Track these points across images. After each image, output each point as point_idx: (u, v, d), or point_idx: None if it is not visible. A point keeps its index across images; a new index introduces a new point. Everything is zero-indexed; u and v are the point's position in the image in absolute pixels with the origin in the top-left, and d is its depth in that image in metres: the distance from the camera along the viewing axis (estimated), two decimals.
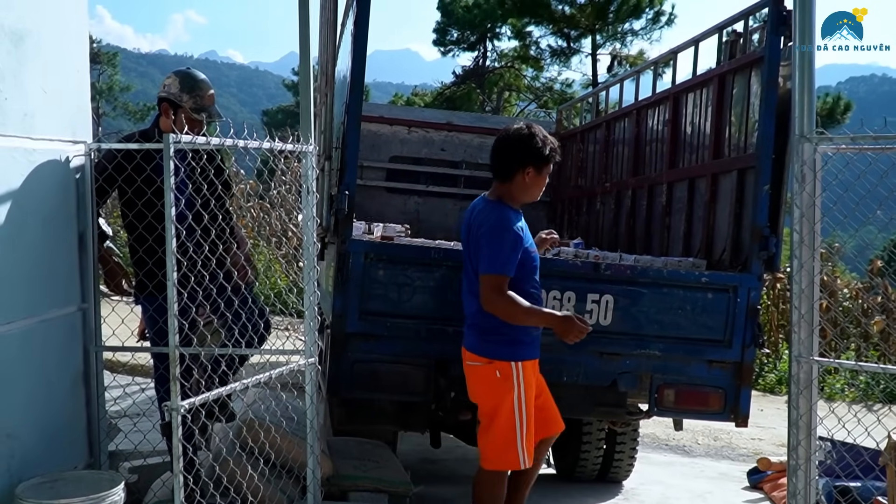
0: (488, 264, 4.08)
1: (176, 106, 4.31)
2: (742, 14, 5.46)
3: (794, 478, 4.06)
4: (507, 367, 4.16)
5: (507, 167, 4.27)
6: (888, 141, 3.77)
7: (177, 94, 4.32)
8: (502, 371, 4.16)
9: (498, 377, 4.16)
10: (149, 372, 5.18)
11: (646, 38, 29.12)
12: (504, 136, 4.34)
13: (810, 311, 4.00)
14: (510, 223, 4.14)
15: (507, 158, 4.27)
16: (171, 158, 3.15)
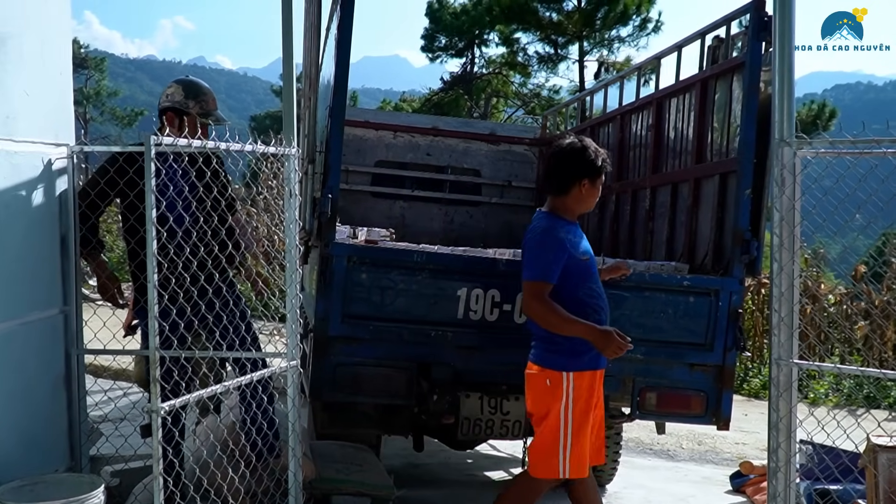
0: (529, 271, 4.19)
1: (182, 113, 4.39)
2: (724, 20, 5.50)
3: (775, 480, 4.08)
4: (558, 377, 4.19)
5: (564, 181, 4.35)
6: (866, 145, 3.81)
7: (182, 102, 4.40)
8: (552, 380, 4.20)
9: (548, 385, 4.21)
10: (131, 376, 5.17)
11: (633, 44, 29.28)
12: (558, 151, 4.41)
13: (790, 313, 4.02)
14: (555, 231, 4.22)
15: (563, 172, 4.35)
16: (153, 160, 3.15)
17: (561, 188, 4.36)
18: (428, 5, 35.59)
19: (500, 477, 6.93)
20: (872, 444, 4.04)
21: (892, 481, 3.97)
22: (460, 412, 4.97)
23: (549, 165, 4.46)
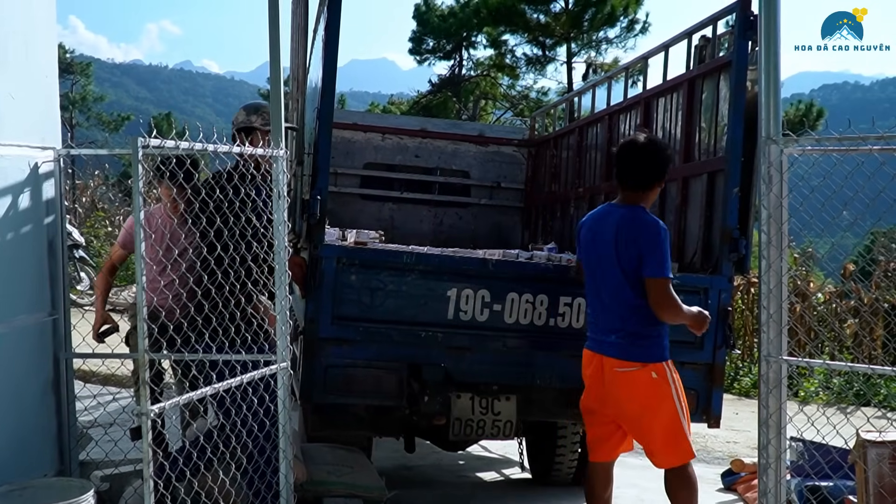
0: (659, 268, 4.24)
1: (249, 131, 4.62)
2: (710, 19, 5.52)
3: (765, 476, 4.09)
4: (662, 368, 4.32)
5: (648, 178, 4.42)
6: (852, 142, 3.82)
7: (245, 120, 4.69)
8: (658, 372, 4.30)
9: (655, 378, 4.29)
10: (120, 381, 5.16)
11: (620, 46, 29.28)
12: (645, 148, 4.46)
13: (779, 310, 4.03)
14: (663, 227, 4.32)
15: (649, 170, 4.42)
16: (140, 162, 3.14)
17: (643, 184, 4.42)
18: (415, 8, 35.59)
19: (493, 478, 6.92)
20: (862, 440, 4.06)
21: (882, 476, 3.99)
22: (451, 413, 4.97)
23: (632, 161, 4.44)
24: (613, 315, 4.36)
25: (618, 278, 4.31)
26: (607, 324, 4.38)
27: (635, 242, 4.28)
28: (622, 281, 4.30)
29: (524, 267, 5.04)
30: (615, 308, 4.34)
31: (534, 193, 9.05)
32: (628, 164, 4.43)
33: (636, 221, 4.33)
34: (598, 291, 4.44)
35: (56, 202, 4.24)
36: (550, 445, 6.30)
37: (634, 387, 4.34)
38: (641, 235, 4.28)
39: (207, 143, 3.55)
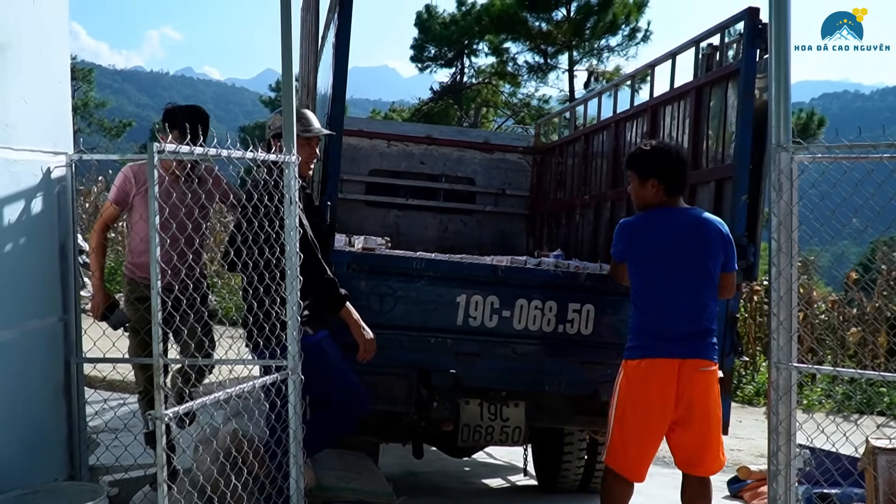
0: (735, 263, 4.46)
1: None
2: (718, 28, 5.54)
3: (775, 483, 4.09)
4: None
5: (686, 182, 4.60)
6: (862, 150, 3.84)
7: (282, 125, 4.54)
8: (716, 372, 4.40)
9: (719, 378, 4.42)
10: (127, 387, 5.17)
11: (622, 54, 29.34)
12: (682, 156, 4.63)
13: (789, 317, 4.04)
14: None
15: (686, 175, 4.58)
16: (156, 167, 3.15)
17: (685, 188, 4.58)
18: (417, 15, 35.66)
19: (499, 484, 6.93)
20: (872, 447, 4.07)
21: (892, 483, 4.00)
22: (460, 419, 4.98)
23: (683, 168, 4.51)
24: (693, 316, 4.30)
25: (703, 278, 4.32)
26: (686, 326, 4.29)
27: (723, 241, 4.38)
28: (707, 280, 4.33)
29: (533, 273, 5.06)
30: (695, 309, 4.31)
31: (538, 200, 9.07)
32: (683, 169, 4.47)
33: (715, 222, 4.44)
34: (671, 294, 4.33)
35: (68, 207, 4.26)
36: (557, 452, 6.30)
37: (711, 387, 4.35)
38: (726, 234, 4.43)
39: (222, 149, 3.56)
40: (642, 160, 4.45)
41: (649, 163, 4.42)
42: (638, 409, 4.32)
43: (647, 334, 4.31)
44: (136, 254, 4.98)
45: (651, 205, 4.44)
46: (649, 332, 4.31)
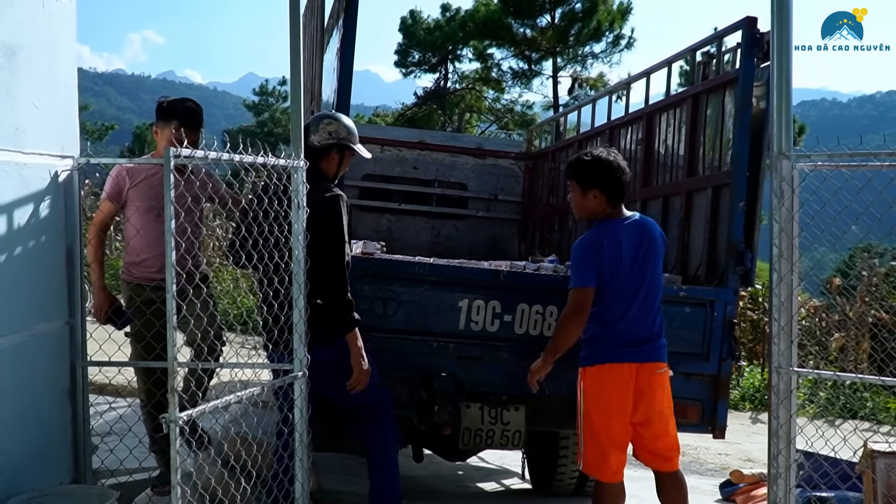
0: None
1: (345, 148, 4.65)
2: (716, 36, 5.62)
3: (775, 486, 4.15)
4: None
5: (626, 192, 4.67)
6: (863, 158, 3.92)
7: (346, 138, 4.66)
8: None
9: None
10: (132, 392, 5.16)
11: (606, 61, 29.57)
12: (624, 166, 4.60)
13: (789, 322, 4.11)
14: None
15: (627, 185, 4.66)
16: (172, 172, 3.18)
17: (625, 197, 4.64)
18: (401, 21, 35.72)
19: (494, 488, 6.96)
20: (870, 450, 4.14)
21: (891, 486, 4.07)
22: (461, 423, 5.01)
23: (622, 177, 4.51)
24: (653, 320, 4.44)
25: (655, 283, 4.45)
26: (648, 330, 4.42)
27: (663, 244, 4.55)
28: (658, 284, 4.48)
29: (534, 278, 5.10)
30: (654, 312, 4.44)
31: (531, 206, 9.13)
32: (624, 179, 4.51)
33: (656, 225, 4.59)
34: (640, 300, 4.41)
35: (75, 210, 4.26)
36: (552, 456, 6.33)
37: (667, 386, 4.48)
38: (663, 237, 4.59)
39: (234, 153, 3.58)
40: (584, 170, 4.47)
41: (591, 173, 4.45)
42: (605, 413, 4.41)
43: (608, 343, 4.39)
44: (133, 253, 4.86)
45: (595, 214, 4.50)
46: (611, 341, 4.39)
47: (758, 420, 11.51)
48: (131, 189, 4.76)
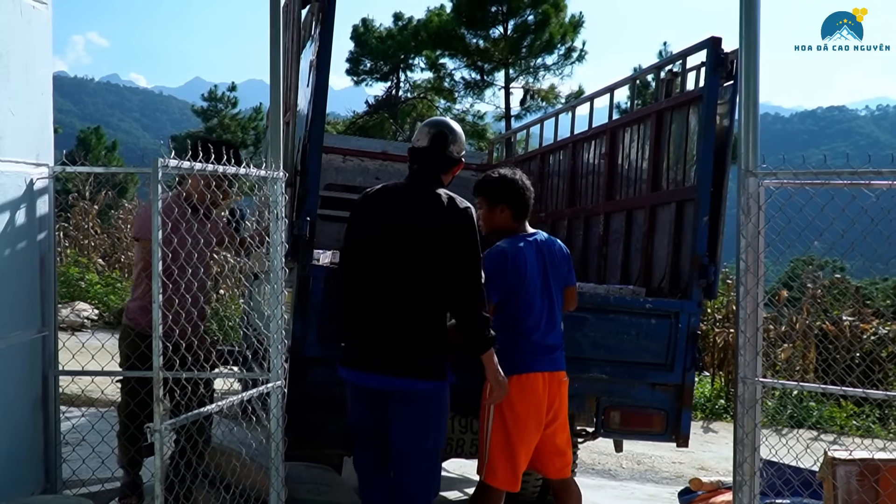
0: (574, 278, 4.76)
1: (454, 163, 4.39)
2: (680, 55, 5.77)
3: (740, 493, 4.28)
4: None
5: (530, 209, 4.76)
6: (827, 177, 4.07)
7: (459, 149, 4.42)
8: None
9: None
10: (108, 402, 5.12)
11: (557, 73, 29.83)
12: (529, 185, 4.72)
13: (755, 334, 4.24)
14: None
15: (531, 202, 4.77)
16: (160, 182, 3.20)
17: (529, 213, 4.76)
18: (353, 29, 35.70)
19: (456, 497, 7.02)
20: (831, 458, 4.28)
21: (851, 493, 4.21)
22: None
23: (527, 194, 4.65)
24: (558, 330, 4.57)
25: (558, 295, 4.60)
26: (556, 339, 4.55)
27: (567, 259, 4.72)
28: (561, 296, 4.62)
29: None
30: (557, 324, 4.57)
31: None
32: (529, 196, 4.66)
33: (559, 242, 4.79)
34: (551, 310, 4.55)
35: (49, 219, 4.25)
36: None
37: (566, 395, 4.59)
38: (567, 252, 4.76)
39: (218, 164, 3.61)
40: (492, 187, 4.64)
41: (498, 190, 4.61)
42: (523, 422, 4.43)
43: (525, 352, 4.45)
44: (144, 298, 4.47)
45: (502, 228, 4.63)
46: (528, 351, 4.46)
47: (709, 429, 11.74)
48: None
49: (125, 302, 4.62)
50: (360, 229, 4.21)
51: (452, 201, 4.12)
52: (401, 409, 4.09)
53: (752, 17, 4.22)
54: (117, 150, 50.66)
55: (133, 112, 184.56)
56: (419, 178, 4.27)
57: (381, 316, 4.05)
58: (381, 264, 4.07)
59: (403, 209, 4.13)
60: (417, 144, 4.35)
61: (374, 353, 4.06)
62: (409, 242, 4.06)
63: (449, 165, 4.33)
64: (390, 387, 4.06)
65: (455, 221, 4.07)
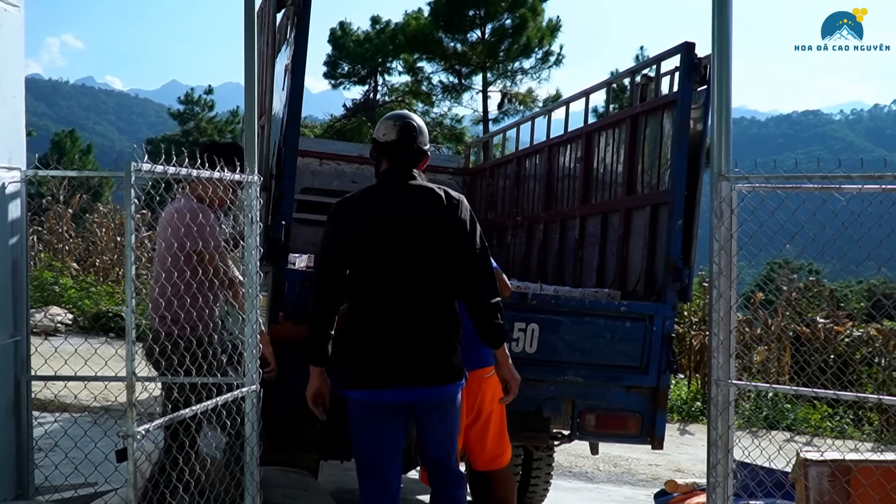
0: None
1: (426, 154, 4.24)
2: (654, 60, 5.81)
3: (714, 495, 4.31)
4: None
5: None
6: (798, 181, 4.12)
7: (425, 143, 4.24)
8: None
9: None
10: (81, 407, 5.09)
11: (535, 77, 29.93)
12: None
13: (728, 337, 4.28)
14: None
15: None
16: (133, 186, 3.18)
17: None
18: (331, 32, 35.66)
19: None
20: (803, 459, 4.32)
21: (822, 493, 4.25)
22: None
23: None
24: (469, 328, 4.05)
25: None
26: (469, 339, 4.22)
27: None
28: None
29: None
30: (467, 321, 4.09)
31: None
32: None
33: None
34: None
35: (21, 223, 4.20)
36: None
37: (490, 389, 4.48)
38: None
39: (192, 168, 3.60)
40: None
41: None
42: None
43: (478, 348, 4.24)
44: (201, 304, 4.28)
45: None
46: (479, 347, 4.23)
47: (686, 431, 11.81)
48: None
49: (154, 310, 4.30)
50: (351, 239, 3.90)
51: (448, 194, 3.97)
52: (433, 417, 3.92)
53: (724, 23, 4.26)
54: (92, 153, 50.23)
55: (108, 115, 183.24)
56: (397, 174, 4.02)
57: (397, 325, 3.80)
58: (389, 271, 3.83)
59: (403, 209, 3.90)
60: (384, 139, 4.09)
61: (394, 366, 3.79)
62: (416, 242, 3.84)
63: (419, 158, 4.10)
64: (420, 398, 3.84)
65: (459, 213, 3.91)
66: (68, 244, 17.64)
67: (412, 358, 3.78)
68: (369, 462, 3.97)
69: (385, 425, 3.90)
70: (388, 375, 3.79)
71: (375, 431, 3.90)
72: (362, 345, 3.84)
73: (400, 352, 3.78)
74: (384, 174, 4.08)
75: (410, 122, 4.12)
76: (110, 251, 17.17)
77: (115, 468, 3.80)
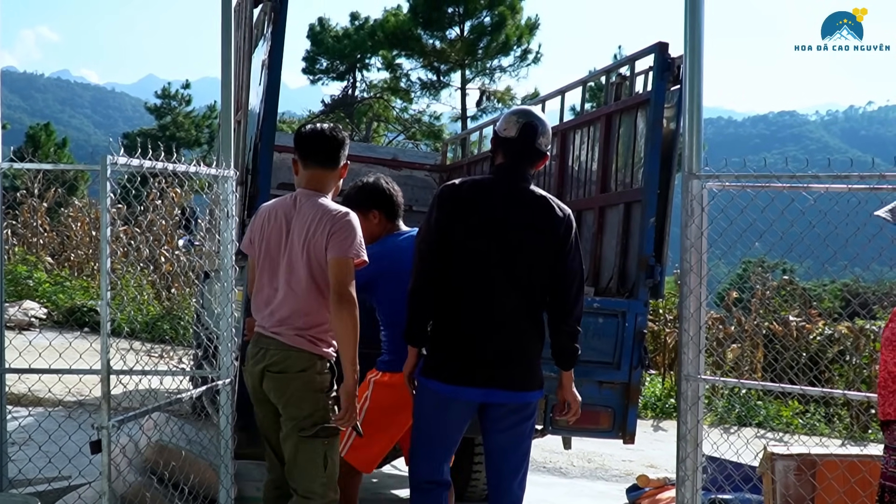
0: None
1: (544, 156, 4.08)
2: (628, 59, 5.88)
3: (683, 488, 4.39)
4: None
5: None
6: (766, 180, 4.20)
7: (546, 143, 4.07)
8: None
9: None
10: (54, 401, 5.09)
11: (513, 74, 30.02)
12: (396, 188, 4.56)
13: (697, 333, 4.36)
14: None
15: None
16: (109, 180, 3.20)
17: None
18: (309, 28, 35.56)
19: (407, 496, 7.06)
20: (770, 453, 4.41)
21: (789, 486, 4.34)
22: None
23: (395, 197, 4.50)
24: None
25: None
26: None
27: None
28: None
29: None
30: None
31: None
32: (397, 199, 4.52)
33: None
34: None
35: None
36: (467, 463, 6.45)
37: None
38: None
39: (168, 162, 3.62)
40: (360, 195, 4.45)
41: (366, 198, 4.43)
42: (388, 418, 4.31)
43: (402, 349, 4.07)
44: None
45: (377, 234, 4.41)
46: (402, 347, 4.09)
47: (659, 427, 11.91)
48: None
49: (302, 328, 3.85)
50: (458, 227, 3.79)
51: (558, 203, 3.90)
52: (509, 421, 3.88)
53: (696, 22, 4.33)
54: (68, 146, 49.75)
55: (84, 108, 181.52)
56: (510, 173, 3.88)
57: (489, 325, 3.76)
58: (490, 268, 3.77)
59: (514, 210, 3.81)
60: (504, 133, 3.93)
61: (482, 366, 3.76)
62: (520, 247, 3.77)
63: (537, 159, 3.96)
64: (502, 401, 3.82)
65: (568, 228, 3.85)
66: (43, 238, 17.54)
67: (504, 363, 3.78)
68: (424, 446, 3.96)
69: (453, 417, 3.88)
70: (472, 375, 3.77)
71: (440, 420, 3.89)
72: (451, 337, 3.81)
73: (492, 355, 3.77)
74: (498, 168, 3.96)
75: (532, 122, 3.92)
76: (85, 245, 17.09)
77: (90, 461, 3.83)
